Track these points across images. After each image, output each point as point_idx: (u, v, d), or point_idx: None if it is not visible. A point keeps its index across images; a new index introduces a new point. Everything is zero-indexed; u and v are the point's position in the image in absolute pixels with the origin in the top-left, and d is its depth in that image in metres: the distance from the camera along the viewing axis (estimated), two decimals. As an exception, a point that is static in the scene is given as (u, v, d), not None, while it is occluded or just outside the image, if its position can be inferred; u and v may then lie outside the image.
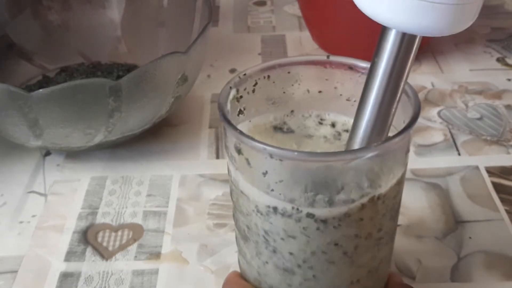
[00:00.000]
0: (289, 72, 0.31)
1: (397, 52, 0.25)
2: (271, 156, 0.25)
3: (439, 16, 0.22)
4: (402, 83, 0.26)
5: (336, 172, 0.26)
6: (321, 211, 0.26)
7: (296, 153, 0.26)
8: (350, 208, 0.26)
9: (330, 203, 0.26)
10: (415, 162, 0.48)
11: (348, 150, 0.27)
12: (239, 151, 0.27)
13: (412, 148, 0.50)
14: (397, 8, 0.23)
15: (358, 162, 0.26)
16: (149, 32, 0.58)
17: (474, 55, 0.63)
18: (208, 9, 0.51)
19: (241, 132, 0.26)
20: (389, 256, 0.32)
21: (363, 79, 0.27)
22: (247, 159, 0.27)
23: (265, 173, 0.26)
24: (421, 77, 0.59)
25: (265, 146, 0.25)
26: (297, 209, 0.26)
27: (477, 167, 0.47)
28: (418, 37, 0.25)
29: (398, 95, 0.26)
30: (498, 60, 0.62)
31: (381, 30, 0.25)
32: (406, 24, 0.23)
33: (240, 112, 0.31)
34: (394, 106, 0.26)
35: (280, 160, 0.25)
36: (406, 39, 0.24)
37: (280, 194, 0.26)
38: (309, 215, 0.26)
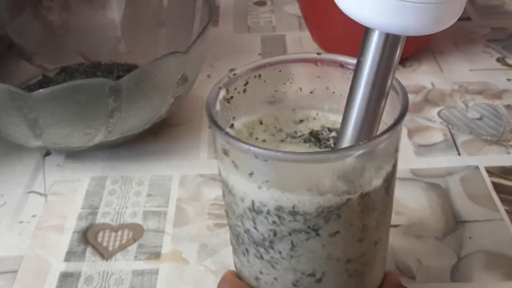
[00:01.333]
0: (280, 71, 0.31)
1: (382, 53, 0.24)
2: (256, 156, 0.25)
3: (421, 15, 0.22)
4: (389, 82, 0.25)
5: (321, 171, 0.26)
6: (307, 210, 0.26)
7: (280, 153, 0.26)
8: (337, 206, 0.26)
9: (316, 201, 0.26)
10: (415, 162, 0.48)
11: (333, 150, 0.27)
12: (226, 153, 0.27)
13: (412, 148, 0.50)
14: (379, 9, 0.22)
15: (344, 161, 0.26)
16: (149, 32, 0.58)
17: (474, 55, 0.63)
18: (208, 9, 0.51)
19: (227, 134, 0.26)
20: (382, 254, 0.31)
21: None
22: (233, 161, 0.27)
23: (251, 174, 0.26)
24: (421, 77, 0.59)
25: (249, 147, 0.25)
26: (284, 208, 0.26)
27: (477, 167, 0.47)
28: (402, 36, 0.24)
29: (385, 94, 0.25)
30: (498, 60, 0.62)
31: (364, 31, 0.25)
32: (389, 25, 0.23)
33: (233, 117, 0.30)
34: (382, 105, 0.26)
35: (265, 160, 0.26)
36: (390, 40, 0.24)
37: (266, 194, 0.26)
38: (295, 214, 0.26)
